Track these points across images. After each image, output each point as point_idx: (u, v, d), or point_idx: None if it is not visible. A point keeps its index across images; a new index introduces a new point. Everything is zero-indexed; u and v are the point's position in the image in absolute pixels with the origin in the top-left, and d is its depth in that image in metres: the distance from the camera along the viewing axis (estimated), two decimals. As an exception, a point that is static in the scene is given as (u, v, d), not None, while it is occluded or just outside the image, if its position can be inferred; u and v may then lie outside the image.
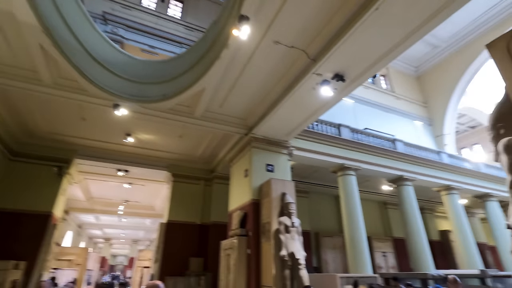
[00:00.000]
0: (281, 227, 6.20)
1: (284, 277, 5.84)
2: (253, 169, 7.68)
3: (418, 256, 10.16)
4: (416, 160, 11.93)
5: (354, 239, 9.14)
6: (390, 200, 15.35)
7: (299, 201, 12.54)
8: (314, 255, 12.40)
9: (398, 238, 14.66)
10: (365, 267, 8.68)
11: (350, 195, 9.84)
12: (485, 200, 13.98)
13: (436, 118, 19.24)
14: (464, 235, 11.93)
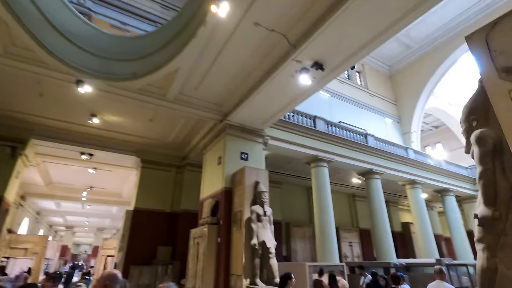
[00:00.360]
0: (253, 215, 6.11)
1: (254, 265, 5.78)
2: (226, 156, 7.47)
3: (382, 246, 10.63)
4: (385, 154, 12.38)
5: (324, 229, 9.33)
6: (359, 193, 15.92)
7: (272, 191, 12.55)
8: (284, 245, 12.58)
9: (364, 229, 15.29)
10: (332, 256, 8.91)
11: (322, 187, 9.99)
12: (444, 195, 14.95)
13: (405, 116, 20.11)
14: (424, 227, 12.68)
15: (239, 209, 6.53)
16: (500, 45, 2.73)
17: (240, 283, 5.79)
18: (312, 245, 12.91)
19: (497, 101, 2.66)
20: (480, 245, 2.75)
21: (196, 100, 7.41)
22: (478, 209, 2.72)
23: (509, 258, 2.57)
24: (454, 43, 17.73)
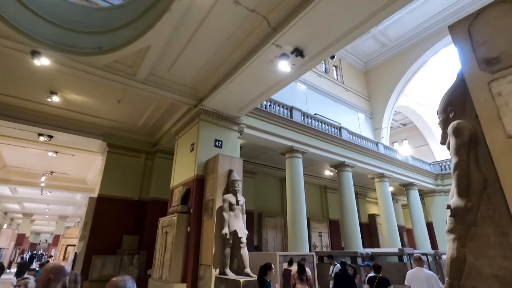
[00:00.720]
0: (225, 204, 5.92)
1: (224, 255, 5.63)
2: (200, 143, 7.17)
3: (350, 236, 10.97)
4: (357, 148, 12.68)
5: (296, 219, 9.40)
6: (330, 185, 16.30)
7: (246, 181, 12.41)
8: (256, 234, 12.59)
9: (333, 220, 15.75)
10: (303, 245, 9.02)
11: (296, 177, 10.02)
12: (408, 189, 15.74)
13: (377, 113, 20.76)
14: (389, 218, 13.28)
15: (211, 198, 6.31)
16: (483, 36, 2.71)
17: (209, 273, 5.62)
18: (283, 235, 13.06)
19: (476, 92, 2.65)
20: (450, 235, 2.78)
21: (169, 82, 6.98)
22: (451, 200, 2.75)
23: (478, 249, 2.62)
24: (426, 44, 18.46)
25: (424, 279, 4.71)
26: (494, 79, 2.50)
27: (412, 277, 4.90)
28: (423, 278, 4.72)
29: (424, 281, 4.68)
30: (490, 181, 2.60)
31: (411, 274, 4.99)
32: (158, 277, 6.50)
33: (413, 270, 5.06)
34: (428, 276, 4.75)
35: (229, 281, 5.15)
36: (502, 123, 2.38)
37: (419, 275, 4.84)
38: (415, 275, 4.90)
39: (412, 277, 4.91)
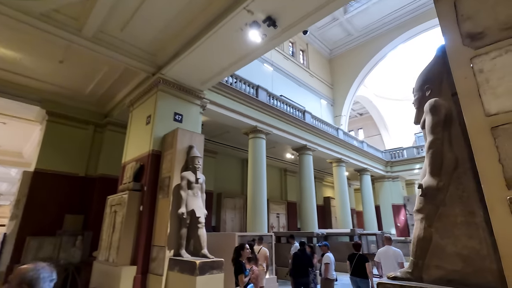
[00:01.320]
0: (183, 182, 5.48)
1: (180, 236, 5.26)
2: (157, 116, 6.51)
3: (307, 218, 11.27)
4: (319, 133, 12.88)
5: (256, 200, 9.30)
6: (290, 168, 16.56)
7: (206, 160, 11.93)
8: (214, 215, 12.34)
9: (291, 202, 16.14)
10: (262, 226, 9.00)
11: (258, 158, 9.84)
12: (362, 174, 16.65)
13: (338, 100, 21.36)
14: (343, 201, 13.94)
15: (168, 175, 5.81)
16: (469, 9, 2.58)
17: (162, 255, 5.22)
18: (242, 216, 13.01)
19: (457, 68, 2.55)
20: (419, 215, 2.76)
21: (122, 43, 6.11)
22: (423, 179, 2.70)
23: (445, 228, 2.62)
24: (387, 37, 19.14)
25: (392, 255, 5.23)
26: (477, 55, 2.41)
27: (383, 254, 5.39)
28: (391, 255, 5.24)
29: (392, 257, 5.19)
30: (461, 161, 2.58)
31: (382, 251, 5.46)
32: (105, 259, 5.92)
33: (383, 248, 5.52)
34: (396, 253, 5.26)
35: (184, 262, 4.82)
36: (481, 101, 2.32)
37: (388, 252, 5.33)
38: (385, 253, 5.37)
39: (382, 254, 5.40)
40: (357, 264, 5.18)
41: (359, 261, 5.18)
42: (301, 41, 19.80)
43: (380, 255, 5.45)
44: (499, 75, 2.17)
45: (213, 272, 4.70)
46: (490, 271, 2.13)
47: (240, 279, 3.84)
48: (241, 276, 3.84)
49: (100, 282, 5.82)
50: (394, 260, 5.14)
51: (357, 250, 5.45)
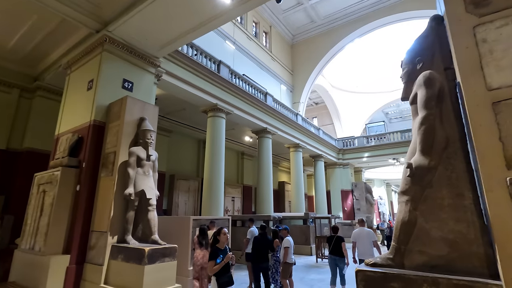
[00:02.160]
0: (132, 158, 4.72)
1: (126, 219, 4.56)
2: (101, 81, 5.51)
3: (264, 201, 11.15)
4: (280, 116, 12.70)
5: (213, 183, 8.81)
6: (247, 151, 16.28)
7: (159, 139, 10.99)
8: (166, 198, 11.55)
9: (246, 185, 15.97)
10: (218, 210, 8.58)
11: (217, 139, 9.28)
12: (316, 160, 17.14)
13: (297, 87, 21.49)
14: (298, 186, 14.17)
15: (113, 150, 4.97)
16: (475, -29, 2.39)
17: (103, 241, 4.49)
18: (196, 199, 12.43)
19: (458, 37, 2.30)
20: (404, 197, 2.56)
21: (57, -15, 4.93)
22: (413, 158, 2.50)
23: (430, 211, 2.44)
24: (347, 29, 19.55)
25: (366, 236, 5.77)
26: (481, 23, 2.19)
27: (358, 234, 5.87)
28: (365, 235, 5.78)
29: (366, 237, 5.74)
30: (452, 140, 2.42)
31: (356, 232, 5.92)
32: (29, 247, 4.94)
33: (357, 229, 6.00)
34: (369, 233, 5.80)
35: (130, 250, 4.18)
36: (483, 73, 2.11)
37: (362, 233, 5.84)
38: (359, 233, 5.87)
39: (357, 234, 5.88)
40: (335, 245, 5.65)
41: (337, 242, 5.64)
42: (265, 22, 19.24)
43: (355, 236, 5.88)
44: (504, 46, 1.97)
45: (164, 260, 4.16)
46: (477, 256, 2.00)
47: (209, 266, 3.40)
48: (211, 263, 3.39)
49: (23, 274, 4.86)
50: (368, 240, 5.69)
51: (335, 232, 5.90)
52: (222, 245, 3.54)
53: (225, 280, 3.35)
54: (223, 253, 3.42)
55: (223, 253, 3.42)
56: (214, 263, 3.40)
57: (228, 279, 3.36)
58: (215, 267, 3.38)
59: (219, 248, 3.51)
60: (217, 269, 3.35)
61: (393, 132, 18.31)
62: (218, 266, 3.35)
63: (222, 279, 3.35)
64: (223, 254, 3.40)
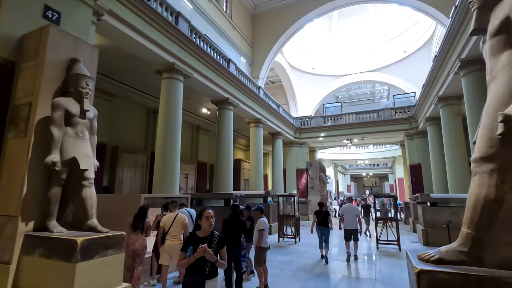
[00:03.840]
0: (58, 113, 3.31)
1: (49, 199, 3.21)
2: (8, 3, 3.78)
3: (223, 179, 10.25)
4: (243, 87, 11.63)
5: (167, 157, 7.55)
6: (203, 125, 14.98)
7: (99, 103, 9.23)
8: (107, 173, 9.83)
9: (201, 162, 14.80)
10: (172, 187, 7.42)
11: (173, 106, 7.92)
12: (275, 137, 16.66)
13: (257, 62, 20.41)
14: (257, 163, 13.54)
15: (27, 101, 3.46)
16: None
17: (11, 230, 3.11)
18: (144, 175, 10.93)
19: None
20: (486, 165, 1.77)
21: None
22: (509, 108, 1.76)
23: None
24: (309, 6, 18.81)
25: (353, 210, 7.01)
26: None
27: (346, 209, 7.10)
28: (353, 210, 7.02)
29: (353, 212, 6.97)
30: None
31: (345, 207, 7.18)
32: None
33: (346, 204, 7.28)
34: (356, 209, 7.10)
35: (54, 241, 2.92)
36: None
37: (350, 208, 7.09)
38: (348, 208, 7.10)
39: (346, 209, 7.12)
40: (322, 217, 6.89)
41: (324, 215, 6.90)
42: (227, -16, 17.43)
43: (344, 210, 7.15)
44: None
45: (107, 253, 3.01)
46: None
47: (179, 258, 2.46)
48: (181, 254, 2.45)
49: None
50: (354, 214, 6.89)
51: (321, 207, 7.18)
52: (204, 232, 2.55)
53: (188, 281, 2.40)
54: (204, 242, 2.44)
55: (204, 242, 2.44)
56: (182, 255, 2.43)
57: (193, 282, 2.39)
58: (181, 262, 2.41)
59: (198, 236, 2.52)
60: (183, 265, 2.38)
61: (349, 113, 18.68)
62: (185, 261, 2.38)
63: (187, 278, 2.41)
64: (205, 243, 2.42)
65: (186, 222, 4.62)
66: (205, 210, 2.61)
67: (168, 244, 4.37)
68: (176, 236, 4.44)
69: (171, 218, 4.48)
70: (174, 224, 4.44)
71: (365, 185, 51.33)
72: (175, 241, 4.38)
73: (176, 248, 4.26)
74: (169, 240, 4.37)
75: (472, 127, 7.54)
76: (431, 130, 13.00)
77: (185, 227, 4.58)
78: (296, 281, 5.08)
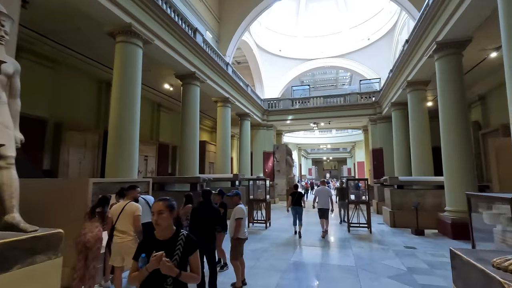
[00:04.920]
0: (-48, 61, 2.25)
1: None
2: None
3: (188, 161, 9.38)
4: (210, 62, 10.60)
5: (123, 136, 6.48)
6: (165, 103, 13.70)
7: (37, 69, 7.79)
8: (49, 154, 8.36)
9: (163, 143, 13.62)
10: (130, 170, 6.43)
11: (131, 76, 6.76)
12: (243, 119, 15.95)
13: (223, 39, 19.14)
14: (225, 145, 12.81)
15: None
16: None
17: None
18: (96, 157, 9.59)
19: None
20: None
21: None
22: None
23: None
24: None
25: (326, 192, 7.80)
26: None
27: (319, 191, 7.93)
28: (326, 191, 7.81)
29: (326, 193, 7.76)
30: None
31: (319, 189, 7.99)
32: None
33: (320, 187, 8.11)
34: (329, 191, 7.89)
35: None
36: None
37: (323, 190, 7.88)
38: (321, 190, 7.92)
39: (319, 191, 7.94)
40: (297, 198, 7.60)
41: (298, 196, 7.63)
42: None
43: (317, 191, 7.97)
44: None
45: (34, 260, 2.17)
46: None
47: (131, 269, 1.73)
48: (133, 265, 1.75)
49: None
50: (326, 195, 7.71)
51: (296, 189, 7.99)
52: (161, 232, 1.82)
53: None
54: (163, 247, 1.73)
55: (163, 247, 1.73)
56: (134, 266, 1.73)
57: None
58: (131, 276, 1.71)
59: (156, 238, 1.81)
60: (134, 280, 1.68)
61: (316, 97, 18.57)
62: (135, 275, 1.67)
63: None
64: (164, 249, 1.70)
65: (137, 214, 3.59)
66: (156, 201, 1.85)
67: (116, 241, 3.47)
68: (125, 231, 3.51)
69: (120, 207, 3.60)
70: (122, 216, 3.52)
71: (325, 168, 53.49)
72: (124, 238, 3.48)
73: (126, 247, 3.43)
74: (117, 237, 3.46)
75: (443, 109, 7.60)
76: (395, 115, 13.33)
77: (135, 220, 3.56)
78: (275, 271, 4.62)
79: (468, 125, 7.45)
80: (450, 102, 7.43)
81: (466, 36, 7.20)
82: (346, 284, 4.08)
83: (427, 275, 4.44)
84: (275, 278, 4.29)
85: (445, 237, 7.17)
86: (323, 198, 7.64)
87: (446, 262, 5.06)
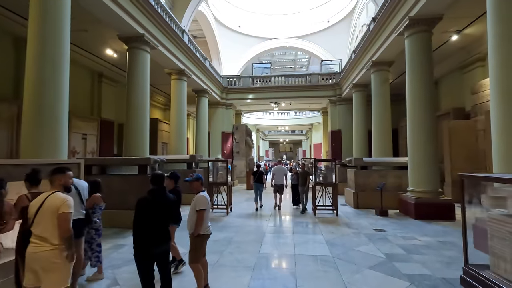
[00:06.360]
0: None
1: None
2: None
3: (137, 141, 8.06)
4: (163, 25, 9.06)
5: (44, 109, 4.97)
6: (108, 73, 11.77)
7: None
8: None
9: (106, 120, 11.81)
10: (58, 150, 5.02)
11: (56, 26, 5.17)
12: (200, 96, 14.64)
13: (177, 6, 17.14)
14: (180, 124, 11.55)
15: None
16: None
17: None
18: (15, 133, 7.70)
19: None
20: None
21: None
22: None
23: None
24: None
25: (282, 171, 8.66)
26: None
27: (276, 169, 8.70)
28: (282, 170, 8.67)
29: (282, 172, 8.60)
30: None
31: (276, 168, 8.79)
32: None
33: (277, 166, 8.93)
34: (284, 169, 8.76)
35: None
36: None
37: (280, 168, 8.72)
38: (278, 169, 8.73)
39: (276, 169, 8.72)
40: (258, 176, 8.64)
41: (259, 175, 8.64)
42: None
43: (274, 170, 8.72)
44: None
45: None
46: None
47: None
48: None
49: None
50: (282, 173, 8.55)
51: (258, 168, 8.87)
52: None
53: None
54: None
55: None
56: None
57: None
58: None
59: None
60: None
61: (278, 76, 17.90)
62: None
63: None
64: None
65: (63, 211, 2.28)
66: None
67: (30, 251, 2.24)
68: (44, 238, 2.25)
69: (39, 201, 2.45)
70: (40, 214, 2.29)
71: (281, 150, 54.39)
72: (42, 246, 2.24)
73: (44, 260, 2.21)
74: (33, 245, 2.24)
75: (411, 88, 7.44)
76: (356, 96, 13.31)
77: (62, 221, 2.27)
78: (243, 269, 3.91)
79: (434, 105, 7.42)
80: (419, 81, 7.28)
81: (438, 13, 6.98)
82: (328, 280, 3.54)
83: (406, 261, 4.14)
84: (245, 279, 3.56)
85: (407, 216, 7.21)
86: (279, 175, 8.56)
87: (419, 246, 4.90)
